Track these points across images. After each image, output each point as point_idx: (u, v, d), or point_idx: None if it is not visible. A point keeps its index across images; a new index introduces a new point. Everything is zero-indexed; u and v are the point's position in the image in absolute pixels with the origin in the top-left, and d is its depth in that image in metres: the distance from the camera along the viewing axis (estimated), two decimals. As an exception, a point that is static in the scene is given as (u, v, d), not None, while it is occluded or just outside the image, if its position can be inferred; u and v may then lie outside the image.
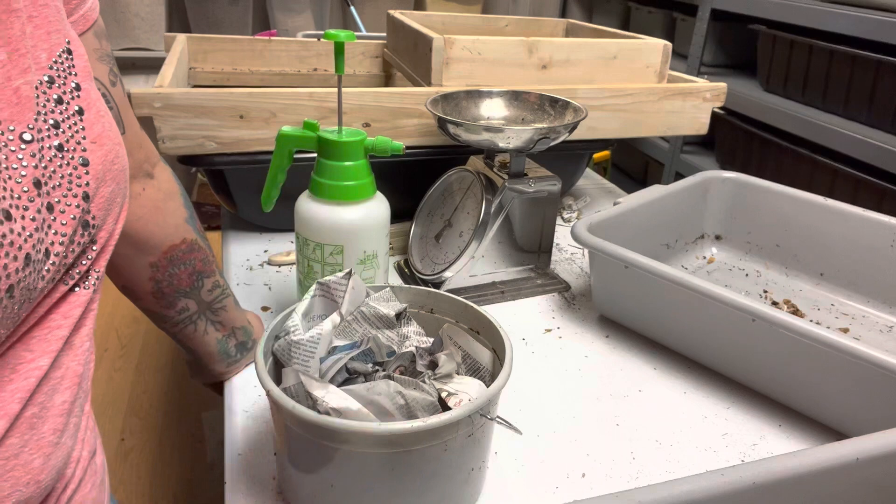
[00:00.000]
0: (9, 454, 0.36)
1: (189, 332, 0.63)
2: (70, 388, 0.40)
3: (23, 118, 0.35)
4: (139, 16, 2.25)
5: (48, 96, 0.37)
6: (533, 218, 0.82)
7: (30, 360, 0.37)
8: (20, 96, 0.35)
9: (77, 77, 0.39)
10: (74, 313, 0.40)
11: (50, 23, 0.38)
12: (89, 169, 0.39)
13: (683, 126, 1.02)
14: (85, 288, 0.40)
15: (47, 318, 0.38)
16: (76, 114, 0.39)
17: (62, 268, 0.38)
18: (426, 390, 0.49)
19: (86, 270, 0.40)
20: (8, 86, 0.34)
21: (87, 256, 0.40)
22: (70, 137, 0.38)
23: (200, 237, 0.61)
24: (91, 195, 0.39)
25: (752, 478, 0.43)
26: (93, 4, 0.46)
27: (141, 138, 0.55)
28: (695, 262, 0.93)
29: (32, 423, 0.37)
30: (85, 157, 0.38)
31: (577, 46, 0.96)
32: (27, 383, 0.36)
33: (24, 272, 0.34)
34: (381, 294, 0.57)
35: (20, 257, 0.33)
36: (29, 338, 0.37)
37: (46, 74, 0.37)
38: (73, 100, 0.39)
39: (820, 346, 0.58)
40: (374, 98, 0.85)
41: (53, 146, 0.37)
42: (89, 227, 0.39)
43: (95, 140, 0.39)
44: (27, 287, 0.34)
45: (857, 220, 0.83)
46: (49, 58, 0.37)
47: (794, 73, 1.64)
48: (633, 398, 0.67)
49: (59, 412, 0.39)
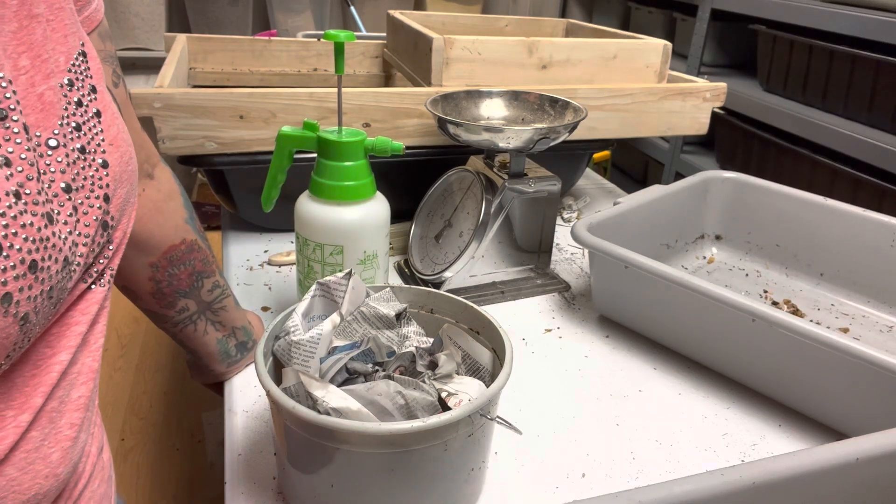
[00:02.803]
0: (30, 447, 0.37)
1: (189, 333, 0.63)
2: (86, 382, 0.41)
3: (48, 123, 0.35)
4: (139, 16, 2.25)
5: (69, 99, 0.37)
6: (533, 218, 0.82)
7: (50, 356, 0.37)
8: (44, 101, 0.35)
9: (92, 79, 0.40)
10: (91, 310, 0.40)
11: (66, 26, 0.38)
12: (109, 171, 0.39)
13: (683, 126, 1.02)
14: (101, 286, 0.41)
15: (66, 316, 0.39)
16: (94, 116, 0.39)
17: (84, 268, 0.38)
18: (426, 390, 0.49)
19: (102, 269, 0.41)
20: (32, 91, 0.34)
21: (105, 255, 0.41)
22: (90, 140, 0.38)
23: (200, 237, 0.61)
24: (111, 196, 0.39)
25: (752, 478, 0.43)
26: (98, 5, 0.46)
27: (142, 138, 0.56)
28: (695, 262, 0.93)
29: (52, 416, 0.38)
30: (105, 158, 0.39)
31: (577, 46, 0.96)
32: (49, 377, 0.37)
33: (62, 273, 0.34)
34: (381, 294, 0.57)
35: (60, 259, 0.34)
36: (49, 334, 0.38)
37: (66, 77, 0.37)
38: (91, 102, 0.39)
39: (820, 346, 0.58)
40: (374, 98, 0.85)
41: (76, 149, 0.37)
42: (108, 227, 0.40)
43: (112, 142, 0.40)
44: (62, 288, 0.35)
45: (857, 220, 0.83)
46: (67, 61, 0.38)
47: (794, 73, 1.64)
48: (633, 398, 0.67)
49: (76, 406, 0.40)
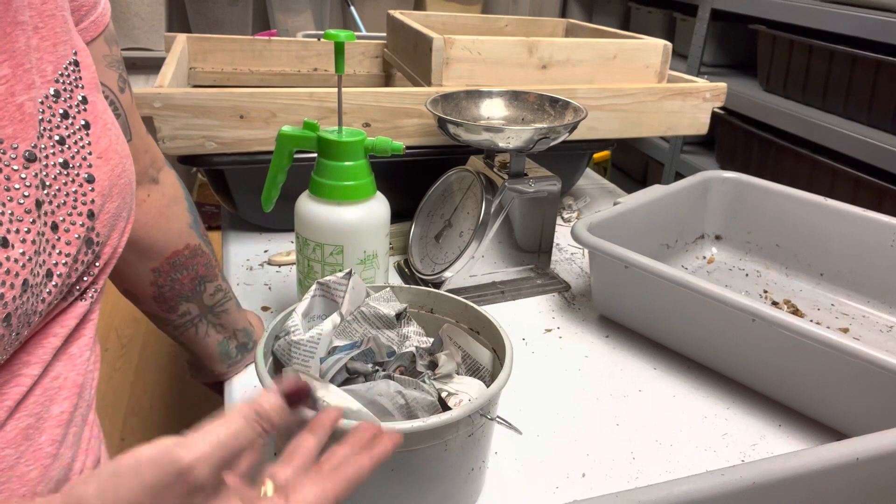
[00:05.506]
0: (3, 466, 0.35)
1: (190, 335, 0.63)
2: (69, 398, 0.39)
3: (26, 135, 0.34)
4: (139, 16, 2.25)
5: (54, 111, 0.36)
6: (533, 218, 0.82)
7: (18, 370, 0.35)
8: (24, 113, 0.34)
9: (84, 90, 0.38)
10: (70, 324, 0.38)
11: (56, 34, 0.37)
12: (95, 186, 0.37)
13: (683, 126, 1.02)
14: (82, 300, 0.39)
15: (41, 329, 0.37)
16: (82, 128, 0.37)
17: (64, 288, 0.36)
18: (426, 390, 0.49)
19: (86, 287, 0.39)
20: (11, 102, 0.33)
21: (90, 273, 0.39)
22: (76, 153, 0.37)
23: (204, 241, 0.61)
24: (96, 213, 0.37)
25: (752, 478, 0.43)
26: (104, 9, 0.45)
27: (147, 143, 0.55)
28: (695, 262, 0.93)
29: (28, 433, 0.36)
30: (91, 173, 0.37)
31: (576, 46, 0.96)
32: (17, 391, 0.35)
33: (22, 299, 0.32)
34: (381, 294, 0.57)
35: (17, 284, 0.32)
36: (22, 347, 0.36)
37: (52, 88, 0.36)
38: (80, 113, 0.37)
39: (820, 346, 0.58)
40: (374, 98, 0.85)
41: (58, 163, 0.35)
42: (93, 244, 0.38)
43: (102, 155, 0.38)
44: (25, 313, 0.33)
45: (857, 220, 0.83)
46: (55, 70, 0.36)
47: (794, 73, 1.64)
48: (633, 398, 0.67)
49: (56, 423, 0.38)
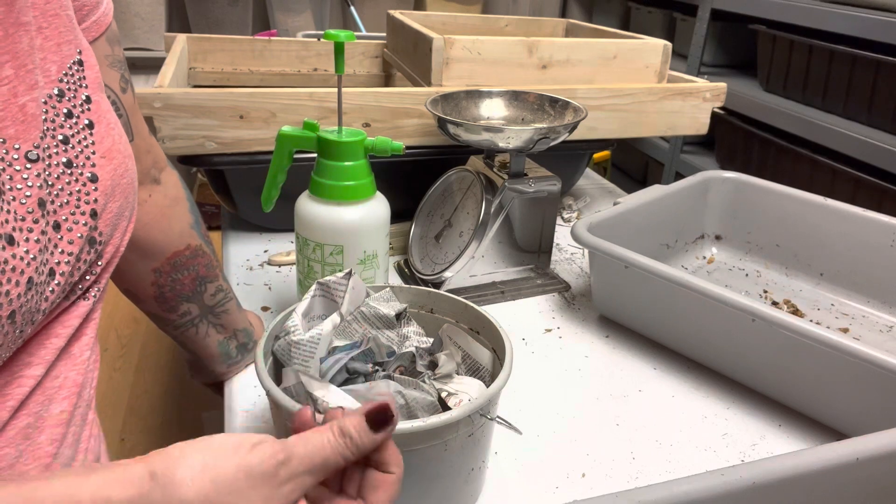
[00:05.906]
0: (2, 465, 0.35)
1: (190, 335, 0.63)
2: (68, 397, 0.39)
3: (29, 136, 0.34)
4: (139, 16, 2.25)
5: (57, 110, 0.36)
6: (533, 218, 0.82)
7: (22, 369, 0.36)
8: (26, 113, 0.34)
9: (87, 89, 0.38)
10: (73, 323, 0.39)
11: (61, 34, 0.37)
12: (98, 185, 0.37)
13: (683, 126, 1.02)
14: (85, 299, 0.39)
15: (44, 329, 0.37)
16: (86, 128, 0.38)
17: (67, 287, 0.36)
18: (426, 390, 0.49)
19: (88, 286, 0.39)
20: (14, 102, 0.33)
21: (92, 272, 0.39)
22: (79, 153, 0.37)
23: (205, 242, 0.61)
24: (99, 212, 0.38)
25: (752, 478, 0.43)
26: (106, 9, 0.45)
27: (149, 143, 0.55)
28: (695, 262, 0.93)
29: (27, 432, 0.36)
30: (94, 172, 0.37)
31: (576, 46, 0.96)
32: (20, 391, 0.35)
33: (27, 296, 0.32)
34: (381, 294, 0.57)
35: (22, 282, 0.32)
36: (25, 347, 0.36)
37: (56, 88, 0.36)
38: (84, 113, 0.38)
39: (820, 346, 0.58)
40: (374, 98, 0.85)
41: (61, 163, 0.36)
42: (96, 243, 0.38)
43: (105, 154, 0.38)
44: (29, 310, 0.33)
45: (857, 220, 0.83)
46: (59, 70, 0.36)
47: (794, 73, 1.64)
48: (633, 398, 0.67)
49: (56, 422, 0.38)
